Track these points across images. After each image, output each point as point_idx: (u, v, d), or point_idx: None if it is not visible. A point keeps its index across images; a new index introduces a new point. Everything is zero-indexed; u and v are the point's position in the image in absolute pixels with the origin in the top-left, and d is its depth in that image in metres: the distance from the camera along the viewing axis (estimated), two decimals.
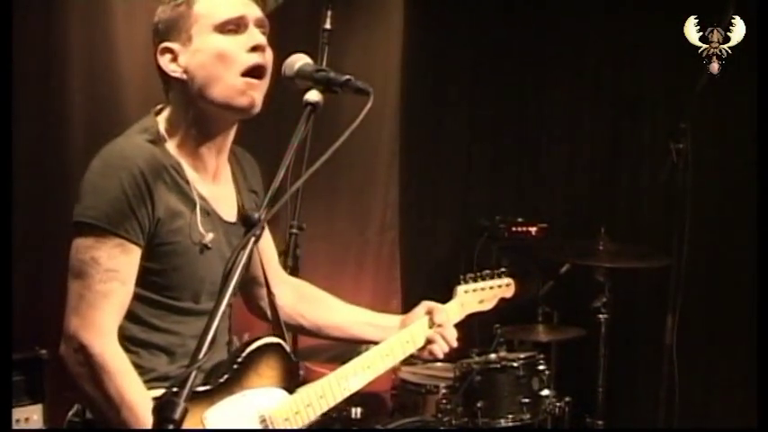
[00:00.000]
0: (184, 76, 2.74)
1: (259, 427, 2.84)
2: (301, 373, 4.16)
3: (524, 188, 6.94)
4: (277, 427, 2.87)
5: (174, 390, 1.99)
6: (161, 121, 2.82)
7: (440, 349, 3.25)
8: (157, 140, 2.75)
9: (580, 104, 6.74)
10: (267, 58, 2.77)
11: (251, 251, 2.20)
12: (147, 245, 2.67)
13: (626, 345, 5.97)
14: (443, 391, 4.95)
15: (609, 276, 5.47)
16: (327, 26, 4.67)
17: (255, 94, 2.75)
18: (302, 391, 2.96)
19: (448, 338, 3.26)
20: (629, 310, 5.95)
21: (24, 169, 4.80)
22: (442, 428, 4.76)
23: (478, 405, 4.73)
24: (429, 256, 6.85)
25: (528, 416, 4.80)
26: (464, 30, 6.84)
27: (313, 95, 2.48)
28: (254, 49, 2.74)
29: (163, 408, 1.96)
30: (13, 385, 4.27)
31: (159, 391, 2.64)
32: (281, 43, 2.94)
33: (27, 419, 4.31)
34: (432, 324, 3.25)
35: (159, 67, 2.79)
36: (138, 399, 2.58)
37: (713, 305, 5.84)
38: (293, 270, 4.49)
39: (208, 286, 2.78)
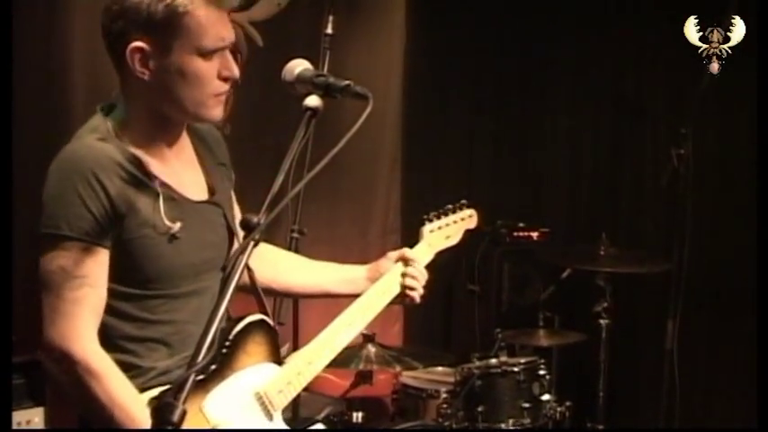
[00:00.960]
0: (150, 80, 2.67)
1: (257, 405, 2.85)
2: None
3: (526, 193, 6.94)
4: (273, 401, 2.88)
5: (173, 391, 2.00)
6: (112, 117, 2.76)
7: (417, 294, 3.30)
8: (108, 138, 2.69)
9: (582, 109, 6.74)
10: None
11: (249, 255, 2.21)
12: (116, 243, 2.64)
13: (627, 350, 5.97)
14: (444, 395, 4.95)
15: (610, 281, 5.47)
16: (329, 31, 4.68)
17: (221, 107, 2.77)
18: (290, 361, 2.99)
19: (422, 278, 3.31)
20: (630, 315, 5.96)
21: (27, 175, 4.81)
22: None
23: (479, 409, 4.72)
24: (431, 261, 6.83)
25: (528, 420, 4.79)
26: (466, 35, 6.85)
27: (313, 100, 2.49)
28: (227, 79, 2.73)
29: (161, 410, 1.97)
30: (14, 388, 4.29)
31: (159, 389, 2.68)
32: (283, 47, 2.96)
33: (29, 422, 4.33)
34: (405, 268, 3.29)
35: (120, 58, 2.69)
36: (128, 398, 2.60)
37: (714, 310, 5.83)
38: None
39: (188, 270, 2.77)
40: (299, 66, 2.62)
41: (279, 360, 2.98)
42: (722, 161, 5.81)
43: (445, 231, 3.58)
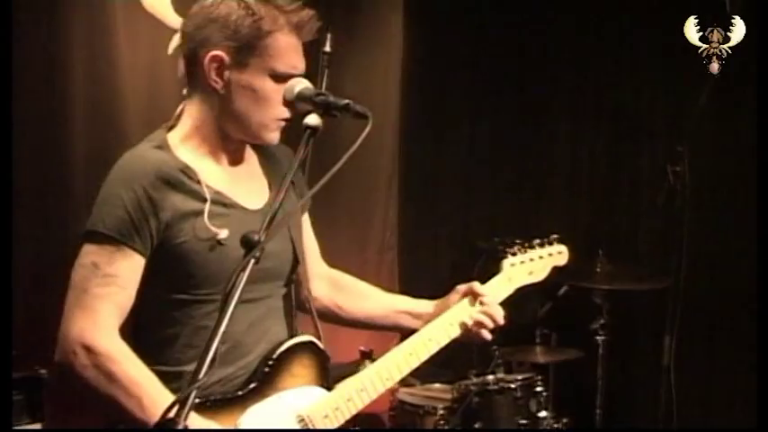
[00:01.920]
0: (222, 92, 2.75)
1: (297, 427, 2.82)
2: None
3: (523, 209, 6.95)
4: (317, 425, 2.84)
5: (175, 408, 2.01)
6: (175, 131, 2.83)
7: (487, 331, 3.12)
8: (163, 147, 2.77)
9: (579, 127, 6.76)
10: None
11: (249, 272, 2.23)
12: (163, 248, 2.68)
13: (624, 366, 5.98)
14: (441, 412, 4.95)
15: (607, 298, 5.49)
16: (327, 49, 4.68)
17: (279, 131, 2.81)
18: (341, 387, 2.93)
19: (495, 317, 3.13)
20: (627, 332, 5.96)
21: (26, 186, 4.84)
22: None
23: (476, 426, 4.74)
24: (428, 277, 6.85)
25: None
26: (463, 51, 6.87)
27: (312, 119, 2.52)
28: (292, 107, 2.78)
29: (163, 427, 1.98)
30: (12, 404, 4.29)
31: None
32: None
33: None
34: (474, 303, 3.14)
35: (196, 65, 2.78)
36: (152, 384, 2.60)
37: (711, 327, 5.85)
38: None
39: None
40: (299, 84, 2.66)
41: (327, 385, 2.95)
42: (719, 178, 5.82)
43: (529, 266, 3.37)
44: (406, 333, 3.20)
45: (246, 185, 2.88)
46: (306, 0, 2.84)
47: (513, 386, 4.83)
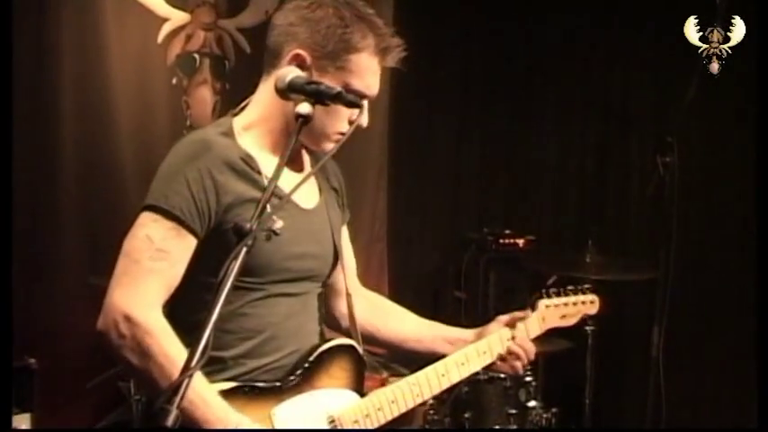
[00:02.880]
0: None
1: (327, 427, 2.85)
2: None
3: (512, 201, 6.97)
4: (345, 428, 2.87)
5: (167, 396, 2.00)
6: (240, 118, 2.86)
7: (521, 364, 3.21)
8: (229, 134, 2.79)
9: (568, 118, 6.78)
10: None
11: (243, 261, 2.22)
12: (214, 233, 2.69)
13: (613, 357, 6.00)
14: (431, 402, 4.93)
15: (596, 288, 5.49)
16: None
17: (335, 144, 2.80)
18: (374, 395, 2.97)
19: (528, 351, 3.22)
20: (616, 323, 5.97)
21: (20, 181, 4.83)
22: None
23: (466, 416, 4.73)
24: (417, 268, 6.87)
25: (515, 427, 4.79)
26: (452, 43, 6.88)
27: (304, 108, 2.51)
28: (351, 123, 2.80)
29: (156, 416, 1.98)
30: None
31: (230, 384, 2.69)
32: None
33: (15, 429, 4.33)
34: (510, 336, 3.22)
35: (276, 56, 2.81)
36: (183, 359, 2.59)
37: (700, 317, 5.86)
38: None
39: (284, 271, 2.80)
40: (290, 73, 2.64)
41: (361, 390, 2.98)
42: (708, 169, 5.84)
43: (562, 310, 3.46)
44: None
45: (301, 186, 2.87)
46: None
47: (502, 376, 4.81)
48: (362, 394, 2.98)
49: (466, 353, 3.15)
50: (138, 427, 2.48)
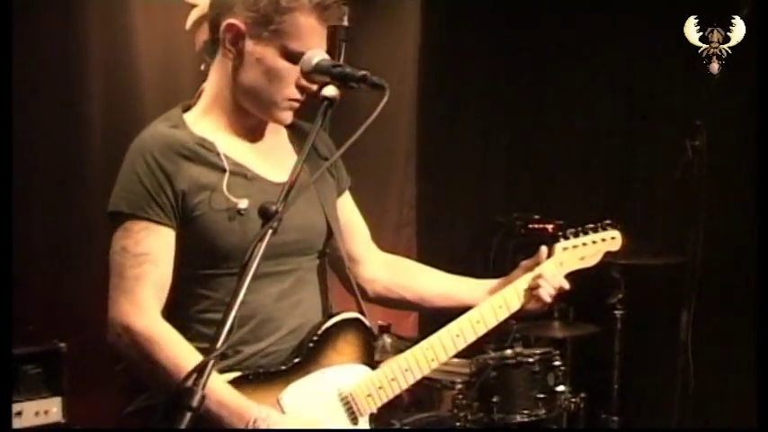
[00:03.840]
0: (234, 61, 2.75)
1: (340, 405, 2.83)
2: None
3: (541, 185, 6.95)
4: (360, 404, 2.85)
5: (193, 377, 2.02)
6: (196, 107, 2.85)
7: (546, 292, 3.12)
8: (179, 125, 2.77)
9: (596, 102, 6.75)
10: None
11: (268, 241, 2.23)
12: (185, 222, 2.68)
13: (641, 341, 5.97)
14: (459, 386, 4.94)
15: (624, 273, 5.49)
16: (345, 23, 4.70)
17: (291, 113, 2.80)
18: (386, 366, 2.93)
19: (550, 280, 3.14)
20: (645, 307, 5.95)
21: (44, 164, 4.87)
22: (457, 424, 4.77)
23: (494, 400, 4.73)
24: (446, 253, 6.84)
25: (543, 411, 4.79)
26: (479, 29, 6.87)
27: (330, 90, 2.53)
28: (303, 89, 2.76)
29: (182, 395, 1.99)
30: (31, 378, 4.33)
31: (236, 374, 2.68)
32: None
33: (46, 412, 4.36)
34: (526, 287, 3.13)
35: (215, 34, 2.79)
36: (192, 360, 2.55)
37: (728, 302, 5.84)
38: None
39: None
40: (317, 56, 2.65)
41: (372, 363, 2.94)
42: (737, 152, 5.80)
43: (581, 251, 3.33)
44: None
45: (272, 158, 2.86)
46: None
47: (530, 360, 4.82)
48: (374, 367, 2.94)
49: (481, 310, 3.07)
50: (164, 410, 2.46)
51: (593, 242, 3.37)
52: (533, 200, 6.78)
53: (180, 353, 2.60)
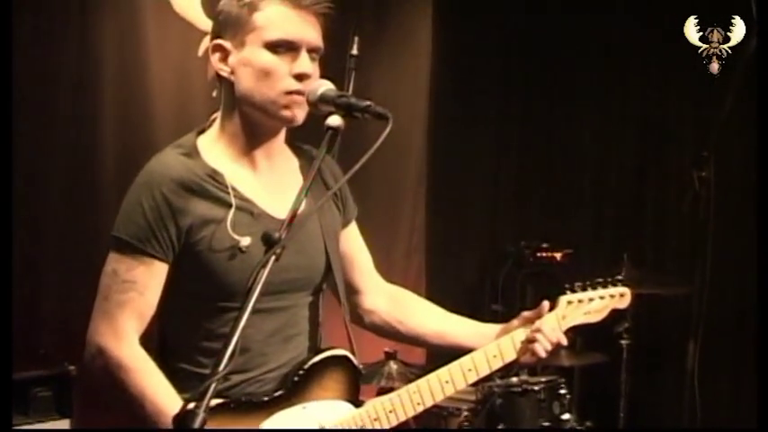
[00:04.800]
0: (232, 78, 2.76)
1: None
2: None
3: (550, 214, 6.97)
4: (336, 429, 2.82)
5: (195, 400, 2.05)
6: (205, 135, 2.85)
7: (542, 347, 3.01)
8: (191, 153, 2.77)
9: (607, 132, 6.78)
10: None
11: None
12: (187, 255, 2.69)
13: (648, 371, 5.99)
14: (465, 413, 4.95)
15: (631, 303, 5.49)
16: (354, 52, 4.70)
17: (297, 110, 2.76)
18: (369, 405, 2.90)
19: (548, 335, 3.02)
20: (652, 337, 5.97)
21: (56, 186, 4.91)
22: None
23: (499, 428, 4.72)
24: (455, 280, 6.88)
25: None
26: (491, 55, 6.91)
27: (334, 120, 2.55)
28: (299, 77, 2.74)
29: (184, 418, 2.02)
30: (41, 401, 4.36)
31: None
32: None
33: None
34: (523, 339, 3.03)
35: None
36: (160, 392, 2.62)
37: (736, 333, 5.84)
38: None
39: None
40: (322, 86, 2.68)
41: (356, 401, 2.91)
42: (745, 183, 5.82)
43: (586, 306, 3.19)
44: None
45: (281, 192, 2.82)
46: (335, 4, 2.83)
47: (536, 388, 4.81)
48: (358, 405, 2.91)
49: (474, 358, 3.00)
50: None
51: (601, 297, 3.24)
52: (543, 228, 6.80)
53: (150, 383, 2.63)
